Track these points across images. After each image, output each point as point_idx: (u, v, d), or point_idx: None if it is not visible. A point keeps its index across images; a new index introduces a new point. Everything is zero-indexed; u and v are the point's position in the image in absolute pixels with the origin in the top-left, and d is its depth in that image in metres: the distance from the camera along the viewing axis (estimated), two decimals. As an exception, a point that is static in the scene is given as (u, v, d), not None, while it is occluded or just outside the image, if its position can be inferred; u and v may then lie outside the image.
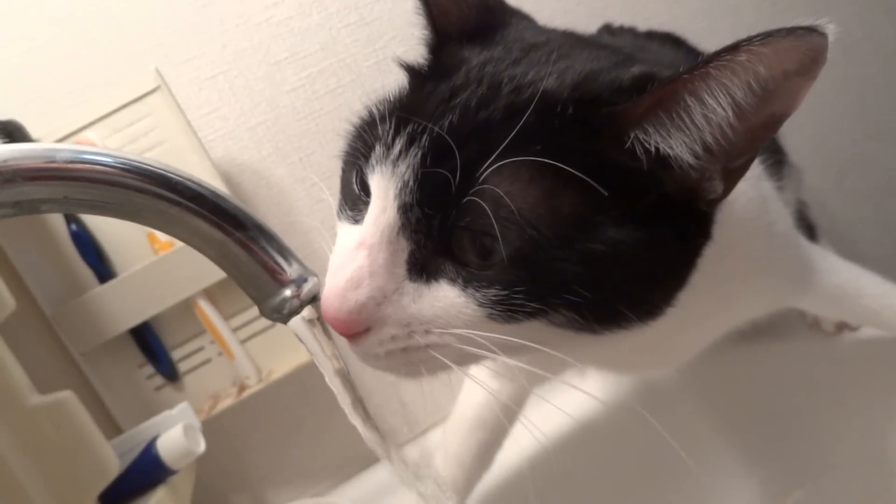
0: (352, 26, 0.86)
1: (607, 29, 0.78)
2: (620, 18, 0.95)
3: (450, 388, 0.44)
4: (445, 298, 0.36)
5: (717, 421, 0.78)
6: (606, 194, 0.34)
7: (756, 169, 0.50)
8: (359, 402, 0.38)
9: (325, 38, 0.85)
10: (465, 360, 0.38)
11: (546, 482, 0.69)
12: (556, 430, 0.72)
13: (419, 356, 0.37)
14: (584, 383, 0.62)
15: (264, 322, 0.78)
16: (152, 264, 0.72)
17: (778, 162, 0.64)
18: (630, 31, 0.77)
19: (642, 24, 0.93)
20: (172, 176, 0.29)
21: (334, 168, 0.86)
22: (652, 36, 0.76)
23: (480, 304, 0.35)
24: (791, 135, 0.90)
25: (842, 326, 0.73)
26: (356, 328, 0.36)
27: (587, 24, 0.93)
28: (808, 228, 0.83)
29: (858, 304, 0.61)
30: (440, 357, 0.37)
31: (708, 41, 0.85)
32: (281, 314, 0.34)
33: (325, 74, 0.85)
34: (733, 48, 0.31)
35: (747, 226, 0.46)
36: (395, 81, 0.93)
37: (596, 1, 0.95)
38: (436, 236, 0.36)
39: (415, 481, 0.39)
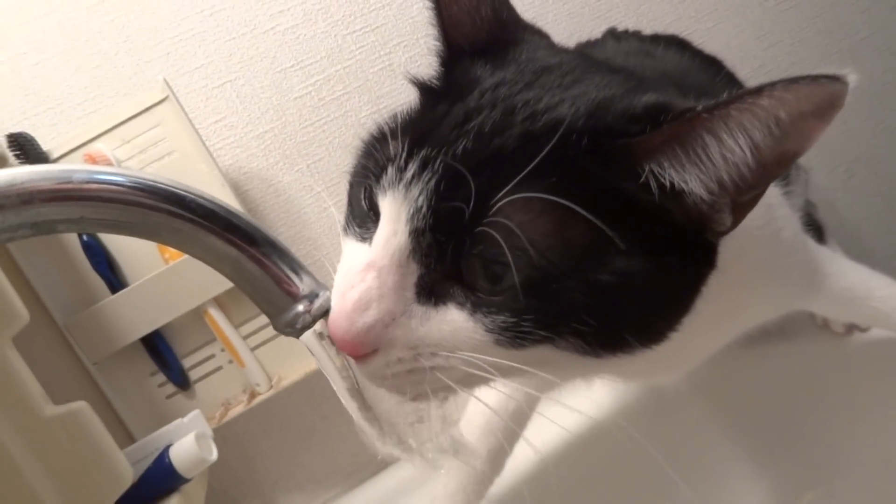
0: (357, 33, 0.86)
1: (612, 33, 0.78)
2: (625, 20, 0.95)
3: (458, 396, 0.44)
4: (453, 322, 0.36)
5: (728, 423, 0.78)
6: (618, 240, 0.34)
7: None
8: (370, 414, 0.38)
9: (330, 46, 0.85)
10: (468, 381, 0.38)
11: (556, 487, 0.69)
12: (564, 434, 0.72)
13: (424, 378, 0.37)
14: (592, 387, 0.62)
15: (274, 330, 0.78)
16: (163, 274, 0.73)
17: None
18: (635, 36, 0.77)
19: (647, 26, 0.93)
20: (185, 194, 0.30)
21: (342, 175, 0.87)
22: (657, 39, 0.76)
23: (488, 331, 0.35)
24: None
25: (852, 327, 0.73)
26: (363, 350, 0.37)
27: (592, 27, 0.93)
28: (817, 230, 0.82)
29: (868, 306, 0.61)
30: (444, 379, 0.37)
31: (714, 41, 0.86)
32: (294, 329, 0.34)
33: (331, 81, 0.85)
34: (756, 92, 0.31)
35: (753, 235, 0.46)
36: (401, 87, 0.93)
37: (601, 3, 0.95)
38: (447, 262, 0.36)
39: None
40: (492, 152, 0.36)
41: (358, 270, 0.37)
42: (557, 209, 0.34)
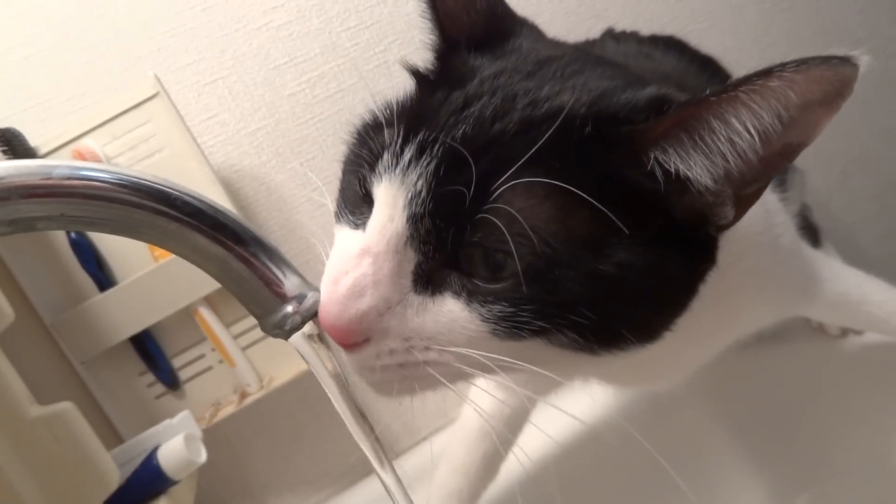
0: (352, 30, 0.85)
1: (610, 34, 0.78)
2: (622, 19, 0.95)
3: (453, 394, 0.44)
4: (450, 313, 0.35)
5: (723, 424, 0.78)
6: (622, 226, 0.33)
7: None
8: (361, 416, 0.37)
9: (324, 42, 0.84)
10: (459, 378, 0.37)
11: (552, 490, 0.69)
12: (561, 437, 0.72)
13: (415, 372, 0.36)
14: (589, 391, 0.62)
15: (262, 331, 0.78)
16: (152, 272, 0.72)
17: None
18: (633, 37, 0.76)
19: (643, 25, 0.93)
20: (171, 191, 0.29)
21: (335, 172, 0.86)
22: (655, 41, 0.75)
23: (485, 320, 0.34)
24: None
25: (846, 330, 0.73)
26: (355, 338, 0.35)
27: (589, 26, 0.92)
28: (812, 232, 0.82)
29: (863, 311, 0.61)
30: (436, 374, 0.36)
31: (710, 41, 0.85)
32: (282, 330, 0.33)
33: (325, 79, 0.84)
34: (765, 73, 0.30)
35: (752, 240, 0.45)
36: (396, 85, 0.93)
37: (597, 2, 0.94)
38: (446, 249, 0.35)
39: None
40: (492, 137, 0.35)
41: (352, 256, 0.36)
42: (560, 196, 0.33)
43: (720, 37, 0.99)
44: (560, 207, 0.34)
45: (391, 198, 0.36)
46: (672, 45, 0.74)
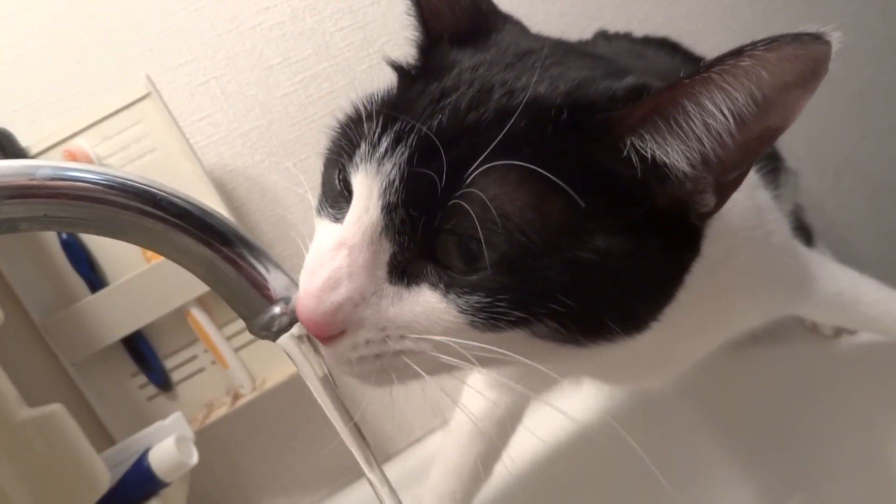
0: (345, 30, 0.85)
1: (603, 35, 0.78)
2: (616, 20, 0.95)
3: (446, 394, 0.44)
4: (426, 303, 0.35)
5: (715, 425, 0.78)
6: (583, 206, 0.33)
7: (752, 178, 0.50)
8: (349, 418, 0.37)
9: (318, 42, 0.84)
10: (438, 369, 0.37)
11: (545, 491, 0.69)
12: (555, 438, 0.72)
13: (391, 363, 0.36)
14: (580, 391, 0.62)
15: (250, 333, 0.77)
16: (144, 273, 0.72)
17: (774, 169, 0.63)
18: (626, 38, 0.76)
19: (637, 26, 0.93)
20: (156, 192, 0.29)
21: (328, 173, 0.86)
22: (648, 42, 0.75)
23: (462, 311, 0.34)
24: (787, 137, 0.89)
25: (840, 330, 0.73)
26: (331, 331, 0.35)
27: (583, 27, 0.92)
28: (805, 233, 0.82)
29: (857, 310, 0.61)
30: (412, 364, 0.36)
31: (704, 42, 0.86)
32: (270, 332, 0.33)
33: (318, 79, 0.84)
34: (737, 53, 0.30)
35: (743, 235, 0.45)
36: (389, 85, 0.93)
37: (591, 3, 0.94)
38: (420, 238, 0.35)
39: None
40: (466, 126, 0.35)
41: (328, 248, 0.36)
42: (535, 182, 0.33)
43: (714, 38, 0.99)
44: (535, 194, 0.33)
45: (366, 188, 0.36)
46: (664, 46, 0.74)
